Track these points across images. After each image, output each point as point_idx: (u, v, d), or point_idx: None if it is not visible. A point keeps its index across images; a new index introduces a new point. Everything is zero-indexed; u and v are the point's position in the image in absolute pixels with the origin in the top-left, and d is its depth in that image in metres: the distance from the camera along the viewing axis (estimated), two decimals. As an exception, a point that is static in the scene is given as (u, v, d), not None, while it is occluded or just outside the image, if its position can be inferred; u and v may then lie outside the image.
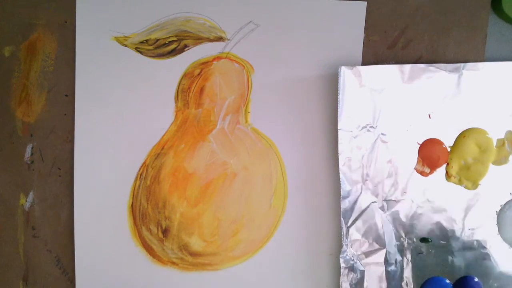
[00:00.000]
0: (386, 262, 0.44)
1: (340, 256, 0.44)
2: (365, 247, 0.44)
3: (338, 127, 0.43)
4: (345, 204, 0.44)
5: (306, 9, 0.44)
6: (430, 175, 0.44)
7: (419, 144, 0.44)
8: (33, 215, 0.45)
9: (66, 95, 0.44)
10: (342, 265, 0.44)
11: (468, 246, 0.45)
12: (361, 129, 0.44)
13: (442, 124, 0.44)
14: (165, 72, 0.44)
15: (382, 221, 0.44)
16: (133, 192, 0.44)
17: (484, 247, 0.45)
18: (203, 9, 0.44)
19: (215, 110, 0.45)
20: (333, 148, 0.44)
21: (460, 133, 0.44)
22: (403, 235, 0.45)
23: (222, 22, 0.44)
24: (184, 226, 0.45)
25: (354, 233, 0.44)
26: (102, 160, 0.44)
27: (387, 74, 0.43)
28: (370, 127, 0.44)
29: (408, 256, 0.45)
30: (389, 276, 0.44)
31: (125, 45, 0.44)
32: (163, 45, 0.44)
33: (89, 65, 0.44)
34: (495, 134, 0.44)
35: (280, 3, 0.44)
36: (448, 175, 0.44)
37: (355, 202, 0.44)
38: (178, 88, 0.44)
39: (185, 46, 0.44)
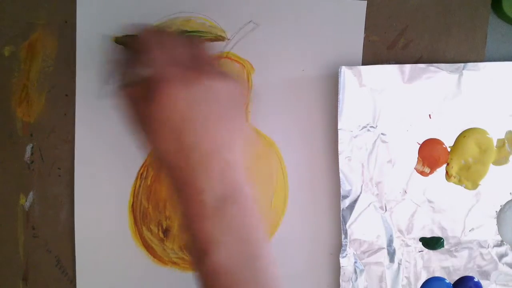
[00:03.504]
0: (386, 262, 0.44)
1: (340, 256, 0.44)
2: (365, 247, 0.44)
3: (338, 127, 0.43)
4: (345, 204, 0.44)
5: (306, 8, 0.44)
6: (430, 175, 0.44)
7: (419, 144, 0.44)
8: (33, 215, 0.45)
9: (66, 95, 0.44)
10: (342, 265, 0.44)
11: (468, 246, 0.45)
12: (361, 129, 0.44)
13: (442, 124, 0.44)
14: (165, 72, 0.44)
15: (382, 221, 0.44)
16: (134, 192, 0.44)
17: (484, 247, 0.45)
18: (203, 9, 0.44)
19: (215, 110, 0.44)
20: (333, 148, 0.44)
21: (460, 133, 0.44)
22: (403, 235, 0.45)
23: (222, 21, 0.44)
24: (185, 226, 0.45)
25: (354, 233, 0.44)
26: (102, 160, 0.44)
27: (387, 74, 0.43)
28: (370, 127, 0.44)
29: (408, 256, 0.45)
30: (389, 276, 0.44)
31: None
32: (163, 45, 0.44)
33: (89, 65, 0.44)
34: (496, 134, 0.44)
35: (280, 3, 0.44)
36: (448, 175, 0.44)
37: (355, 202, 0.44)
38: (178, 88, 0.44)
39: (185, 46, 0.44)
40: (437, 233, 0.45)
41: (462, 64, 0.43)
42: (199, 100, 0.32)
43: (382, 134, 0.44)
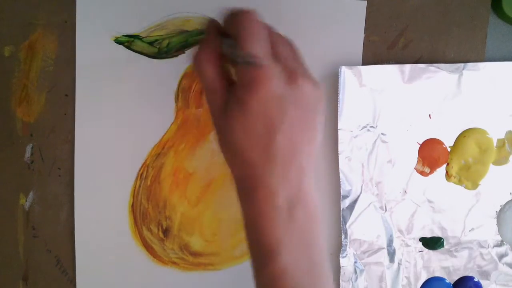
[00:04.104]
0: (386, 262, 0.44)
1: (340, 255, 0.44)
2: (365, 247, 0.44)
3: (338, 127, 0.43)
4: (345, 204, 0.44)
5: (306, 8, 0.44)
6: (430, 175, 0.44)
7: (419, 144, 0.44)
8: (33, 215, 0.45)
9: (66, 95, 0.44)
10: (342, 265, 0.44)
11: (468, 246, 0.45)
12: (361, 129, 0.44)
13: (442, 124, 0.44)
14: (165, 72, 0.44)
15: (382, 221, 0.44)
16: (134, 192, 0.44)
17: (484, 247, 0.45)
18: (203, 9, 0.44)
19: (216, 110, 0.44)
20: (333, 148, 0.44)
21: (460, 133, 0.44)
22: (403, 235, 0.45)
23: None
24: (185, 226, 0.45)
25: (354, 233, 0.44)
26: (102, 160, 0.44)
27: (387, 74, 0.43)
28: (370, 127, 0.44)
29: (408, 256, 0.45)
30: (389, 276, 0.44)
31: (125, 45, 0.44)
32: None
33: (89, 65, 0.44)
34: (495, 134, 0.44)
35: (280, 3, 0.44)
36: (448, 175, 0.44)
37: (355, 202, 0.44)
38: (179, 88, 0.44)
39: (186, 46, 0.44)
40: (437, 233, 0.45)
41: (462, 64, 0.43)
42: (296, 102, 0.32)
43: (382, 134, 0.44)
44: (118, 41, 0.43)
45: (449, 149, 0.44)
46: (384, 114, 0.43)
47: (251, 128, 0.32)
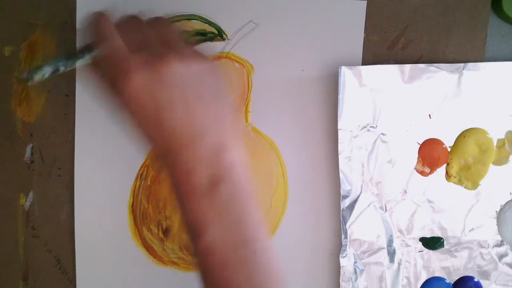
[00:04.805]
0: (386, 262, 0.44)
1: (340, 255, 0.44)
2: (365, 247, 0.44)
3: (338, 127, 0.43)
4: (345, 204, 0.44)
5: (305, 9, 0.44)
6: (430, 175, 0.44)
7: (419, 144, 0.44)
8: (33, 215, 0.45)
9: (66, 95, 0.44)
10: (342, 265, 0.44)
11: (468, 246, 0.45)
12: (361, 129, 0.44)
13: (442, 124, 0.44)
14: (165, 72, 0.44)
15: (382, 220, 0.44)
16: (134, 192, 0.44)
17: (484, 247, 0.45)
18: (203, 9, 0.44)
19: (215, 110, 0.44)
20: (333, 148, 0.44)
21: (461, 133, 0.44)
22: (403, 235, 0.45)
23: (222, 21, 0.44)
24: (185, 226, 0.45)
25: (354, 233, 0.44)
26: (102, 160, 0.44)
27: (387, 74, 0.43)
28: (370, 127, 0.44)
29: (408, 256, 0.45)
30: (389, 276, 0.44)
31: (125, 45, 0.44)
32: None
33: (89, 65, 0.43)
34: (496, 134, 0.44)
35: (280, 3, 0.44)
36: (448, 175, 0.44)
37: (355, 201, 0.44)
38: (178, 88, 0.44)
39: (185, 46, 0.44)
40: (437, 233, 0.45)
41: (462, 64, 0.43)
42: (173, 84, 0.31)
43: (382, 134, 0.44)
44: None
45: (449, 149, 0.44)
46: (384, 114, 0.43)
47: (143, 123, 0.32)
